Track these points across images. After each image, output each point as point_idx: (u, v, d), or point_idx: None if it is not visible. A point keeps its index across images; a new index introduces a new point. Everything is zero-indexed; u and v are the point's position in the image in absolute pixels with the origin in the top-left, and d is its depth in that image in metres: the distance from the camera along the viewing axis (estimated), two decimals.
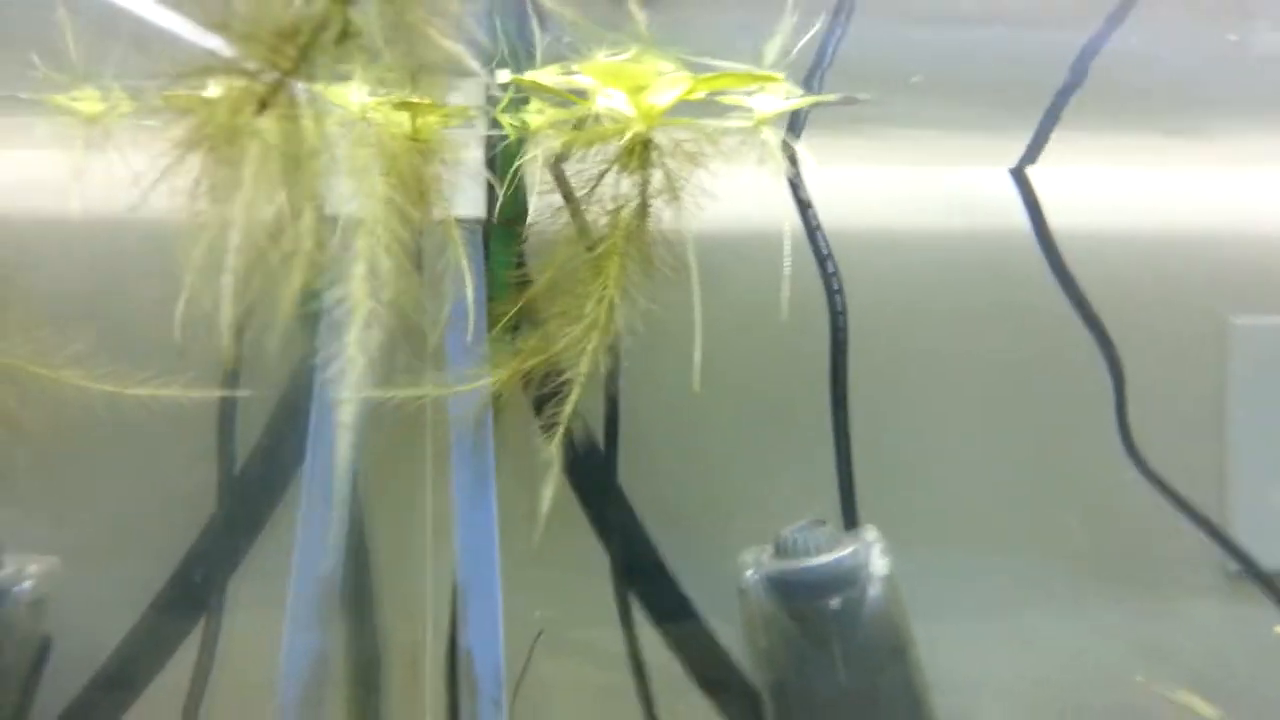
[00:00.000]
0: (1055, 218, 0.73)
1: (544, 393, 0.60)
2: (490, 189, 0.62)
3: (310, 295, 0.66)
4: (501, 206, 0.62)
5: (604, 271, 0.58)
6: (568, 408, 0.58)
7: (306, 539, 0.60)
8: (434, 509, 0.71)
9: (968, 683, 0.73)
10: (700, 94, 0.54)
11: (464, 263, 0.60)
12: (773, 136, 0.55)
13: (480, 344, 0.63)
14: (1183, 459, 0.73)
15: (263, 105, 0.42)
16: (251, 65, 0.41)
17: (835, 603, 0.61)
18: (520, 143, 0.59)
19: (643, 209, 0.58)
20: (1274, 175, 0.74)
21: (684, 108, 0.55)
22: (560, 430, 0.57)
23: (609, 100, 0.54)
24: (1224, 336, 0.74)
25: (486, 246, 0.64)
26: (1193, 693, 0.60)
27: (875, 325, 0.62)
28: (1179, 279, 0.74)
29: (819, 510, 0.70)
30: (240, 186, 0.58)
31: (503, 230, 0.65)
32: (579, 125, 0.61)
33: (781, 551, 0.63)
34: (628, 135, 0.55)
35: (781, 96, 0.55)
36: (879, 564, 0.62)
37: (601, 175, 0.58)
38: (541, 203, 0.60)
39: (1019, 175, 0.73)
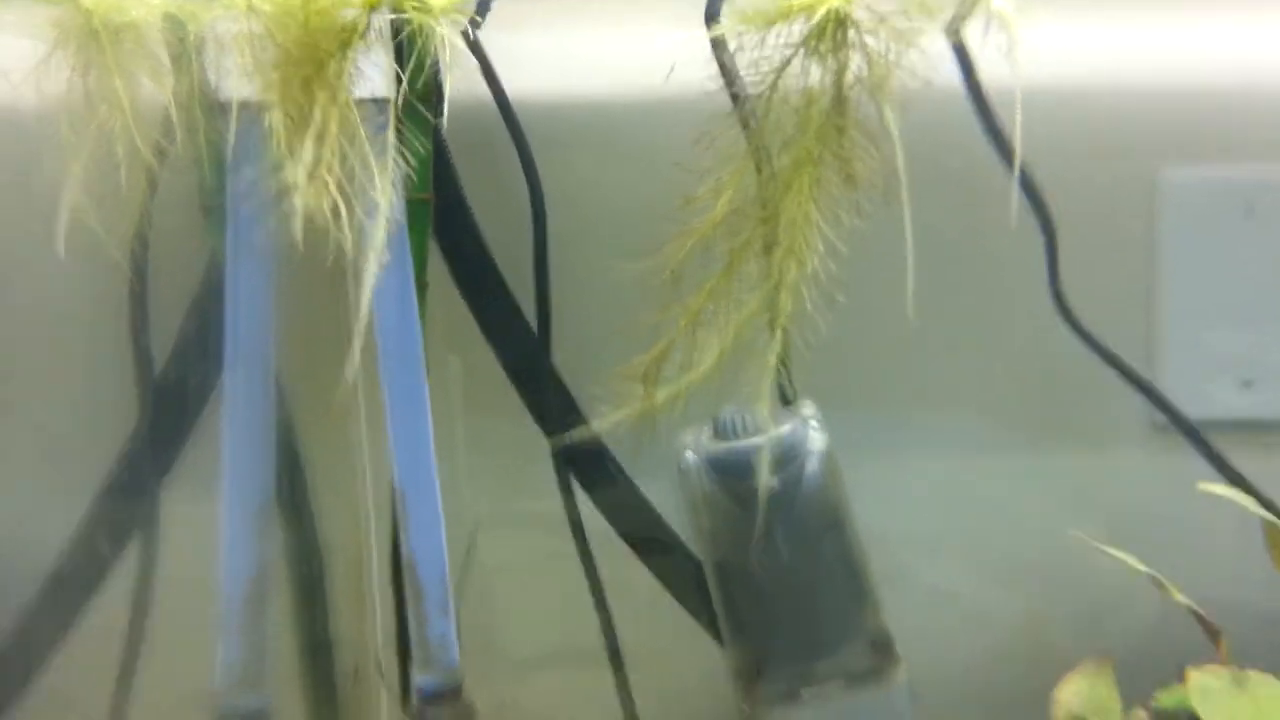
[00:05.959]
0: (986, 72, 0.71)
1: None
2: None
3: (214, 188, 0.63)
4: (407, 87, 0.59)
5: (794, 186, 0.52)
6: (773, 358, 0.53)
7: (234, 446, 0.59)
8: (366, 407, 0.70)
9: (901, 538, 0.75)
10: None
11: (366, 146, 0.56)
12: (1005, 3, 0.49)
13: (399, 234, 0.60)
14: (1112, 313, 0.73)
15: None
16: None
17: (774, 481, 0.61)
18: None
19: (839, 104, 0.51)
20: (1202, 25, 0.72)
21: None
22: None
23: None
24: (1153, 190, 0.74)
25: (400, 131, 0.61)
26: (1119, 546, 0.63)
27: None
28: (1108, 133, 0.73)
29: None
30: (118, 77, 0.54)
31: (413, 111, 0.62)
32: None
33: (719, 432, 0.63)
34: (819, 12, 0.48)
35: None
36: (816, 439, 0.63)
37: (787, 62, 0.51)
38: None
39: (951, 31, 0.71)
